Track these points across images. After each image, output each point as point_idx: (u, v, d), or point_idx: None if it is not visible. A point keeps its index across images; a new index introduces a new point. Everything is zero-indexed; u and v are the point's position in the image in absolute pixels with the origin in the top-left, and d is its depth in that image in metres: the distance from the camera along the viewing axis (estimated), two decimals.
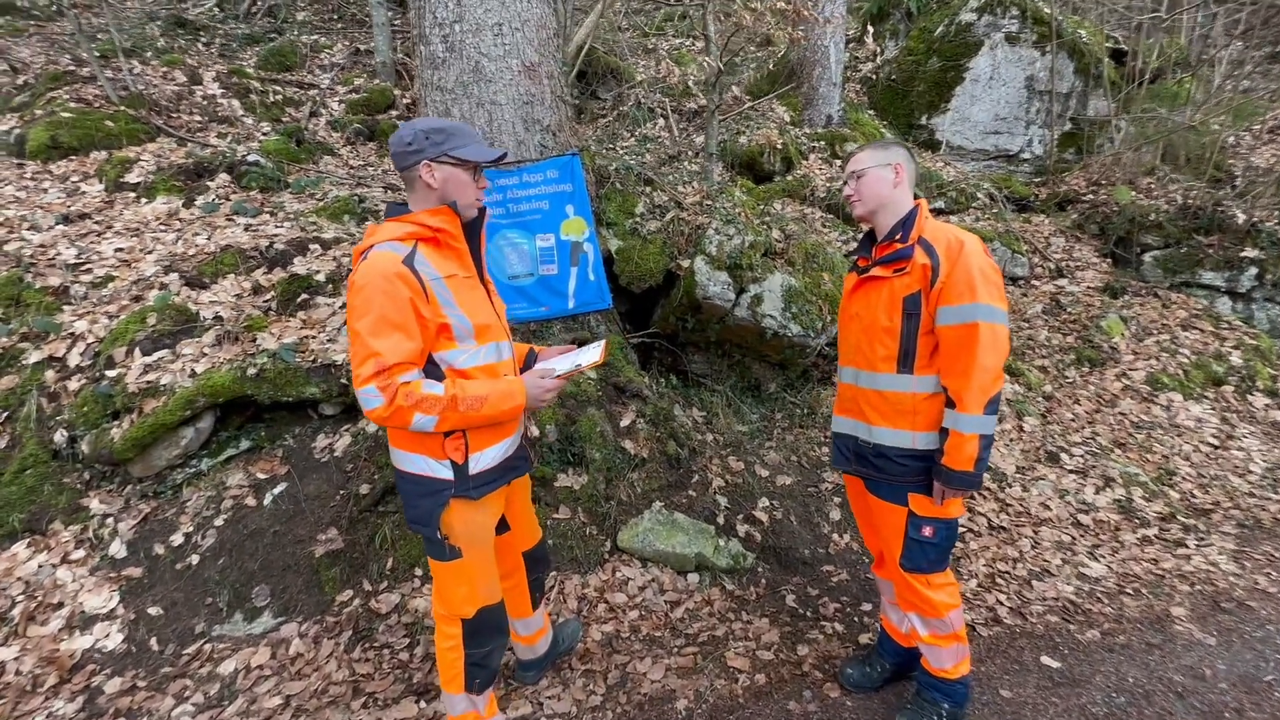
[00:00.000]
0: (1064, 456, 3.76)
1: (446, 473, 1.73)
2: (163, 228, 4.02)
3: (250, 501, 2.90)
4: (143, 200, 4.29)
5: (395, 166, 1.69)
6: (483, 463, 1.76)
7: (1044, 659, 2.48)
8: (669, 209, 3.56)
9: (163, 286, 3.45)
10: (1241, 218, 5.16)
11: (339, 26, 8.41)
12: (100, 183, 4.46)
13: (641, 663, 2.46)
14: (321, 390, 3.06)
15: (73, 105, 5.10)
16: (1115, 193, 5.64)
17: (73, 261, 3.63)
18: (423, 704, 2.28)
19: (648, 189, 3.65)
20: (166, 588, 2.72)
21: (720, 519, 3.10)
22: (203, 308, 3.30)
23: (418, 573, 2.77)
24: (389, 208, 1.73)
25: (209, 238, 3.87)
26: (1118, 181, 5.86)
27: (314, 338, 3.23)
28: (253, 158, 4.73)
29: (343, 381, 3.08)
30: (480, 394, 1.62)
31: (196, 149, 4.89)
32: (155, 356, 3.07)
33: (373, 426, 3.08)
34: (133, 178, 4.43)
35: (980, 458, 1.76)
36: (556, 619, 2.65)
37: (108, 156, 4.64)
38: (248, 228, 4.03)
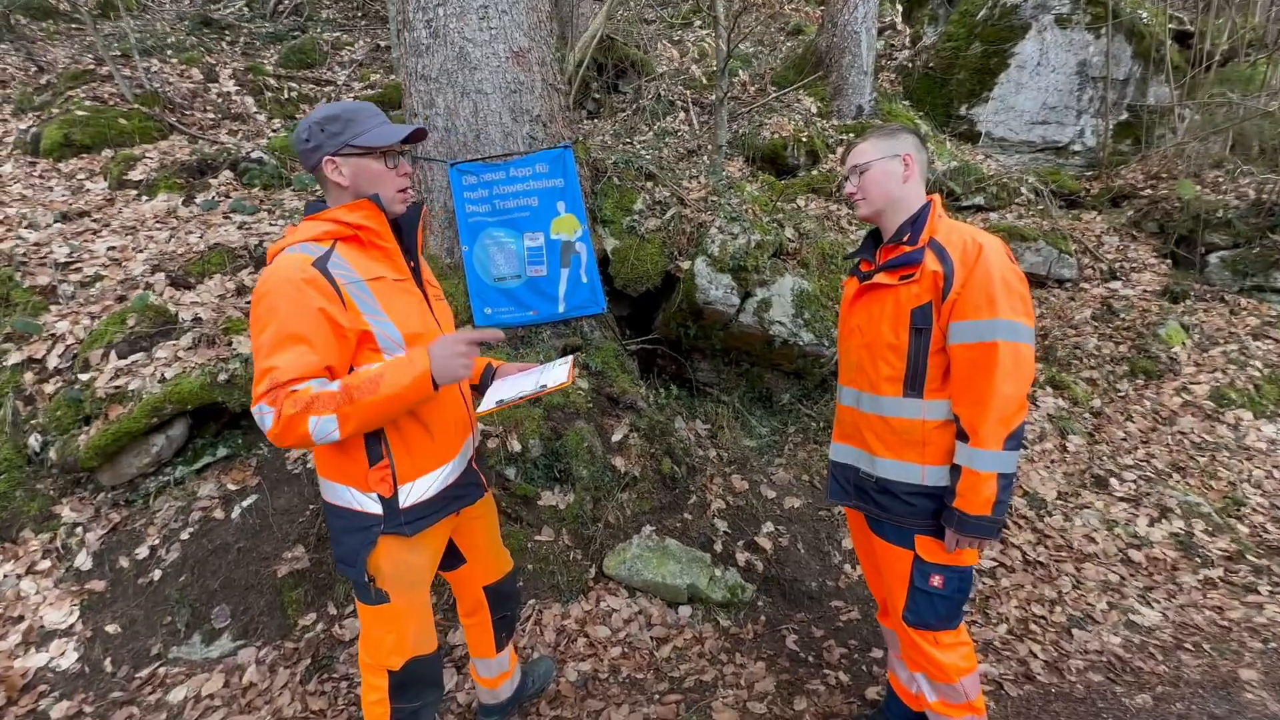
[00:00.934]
0: (1113, 481, 3.36)
1: (375, 507, 1.50)
2: (158, 226, 3.94)
3: (219, 514, 2.75)
4: (143, 198, 4.24)
5: (305, 166, 1.47)
6: (416, 494, 1.53)
7: None
8: (670, 205, 3.29)
9: (148, 286, 3.35)
10: None
11: (362, 23, 8.38)
12: (105, 180, 4.42)
13: (618, 711, 2.21)
14: None
15: (88, 103, 5.11)
16: (1177, 187, 5.12)
17: (64, 260, 3.56)
18: None
19: (648, 184, 3.38)
20: (128, 603, 2.59)
21: (718, 545, 2.83)
22: (183, 309, 3.18)
23: None
24: (307, 205, 1.51)
25: (201, 236, 3.76)
26: (1180, 175, 5.33)
27: None
28: (256, 155, 4.64)
29: None
30: (372, 374, 1.33)
31: (204, 146, 4.83)
32: (129, 360, 2.95)
33: None
34: (136, 175, 4.38)
35: (999, 500, 1.46)
36: (531, 654, 2.42)
37: (113, 154, 4.60)
38: (242, 226, 3.92)
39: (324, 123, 1.40)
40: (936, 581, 1.59)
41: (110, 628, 2.51)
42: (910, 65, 6.58)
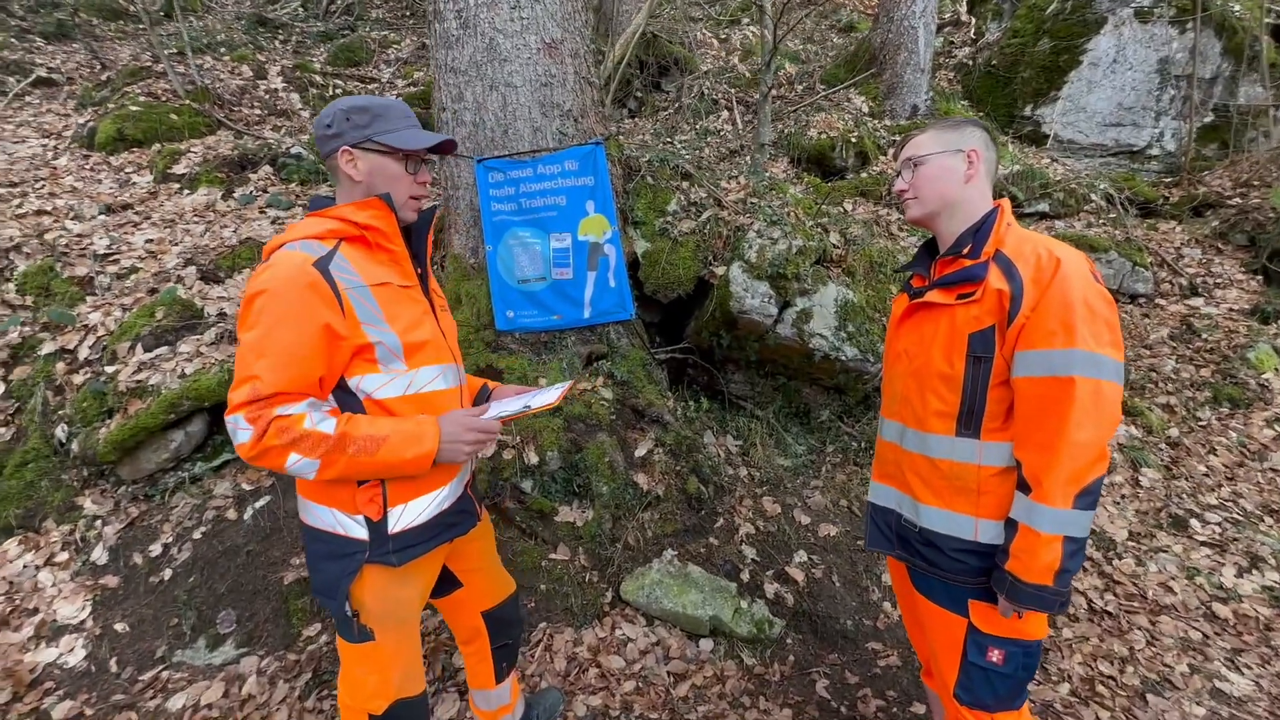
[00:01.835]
0: (1194, 523, 3.01)
1: (360, 531, 1.37)
2: (196, 219, 3.96)
3: (231, 514, 2.70)
4: (185, 191, 4.28)
5: (319, 153, 1.37)
6: (407, 518, 1.40)
7: None
8: (706, 207, 3.10)
9: (179, 279, 3.36)
10: None
11: (410, 22, 8.45)
12: (150, 174, 4.49)
13: None
14: None
15: (142, 99, 5.23)
16: (1272, 195, 4.65)
17: (103, 252, 3.60)
18: None
19: (684, 184, 3.20)
20: (138, 601, 2.56)
21: (745, 574, 2.63)
22: (209, 303, 3.16)
23: None
24: (311, 201, 1.41)
25: (234, 230, 3.76)
26: (1275, 182, 4.85)
27: None
28: (295, 150, 4.65)
29: None
30: (377, 434, 1.25)
31: (248, 141, 4.88)
32: (154, 354, 2.94)
33: None
34: (180, 169, 4.43)
35: (1064, 569, 1.21)
36: (539, 683, 2.27)
37: (160, 148, 4.68)
38: (275, 220, 3.91)
39: (350, 112, 1.31)
40: (995, 657, 1.34)
41: (119, 626, 2.48)
42: (971, 63, 6.21)
